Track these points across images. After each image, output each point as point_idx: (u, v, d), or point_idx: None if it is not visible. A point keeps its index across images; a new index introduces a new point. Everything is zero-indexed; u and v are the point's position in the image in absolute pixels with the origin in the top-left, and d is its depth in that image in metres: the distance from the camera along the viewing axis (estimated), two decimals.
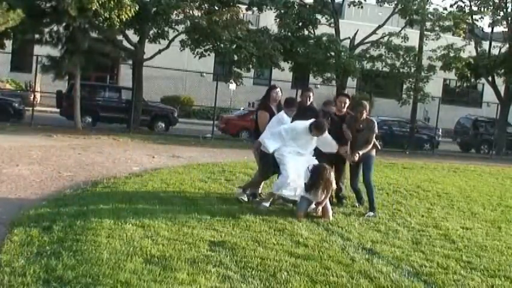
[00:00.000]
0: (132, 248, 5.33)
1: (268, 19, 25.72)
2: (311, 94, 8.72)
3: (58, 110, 21.76)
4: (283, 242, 6.05)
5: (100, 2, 16.29)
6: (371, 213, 8.00)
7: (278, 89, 8.44)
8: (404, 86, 26.85)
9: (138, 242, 5.55)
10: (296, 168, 7.54)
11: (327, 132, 7.80)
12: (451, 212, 8.99)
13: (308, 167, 7.48)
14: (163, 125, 22.38)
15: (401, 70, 25.12)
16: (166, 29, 21.06)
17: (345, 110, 8.47)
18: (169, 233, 5.99)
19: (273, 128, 7.90)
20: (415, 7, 24.24)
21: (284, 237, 6.27)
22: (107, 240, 5.52)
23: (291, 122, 7.99)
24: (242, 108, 26.06)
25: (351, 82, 27.30)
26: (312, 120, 7.79)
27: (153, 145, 16.06)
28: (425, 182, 12.28)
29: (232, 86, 25.64)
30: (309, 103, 8.61)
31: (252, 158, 8.40)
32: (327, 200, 7.62)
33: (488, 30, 27.29)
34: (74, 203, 7.08)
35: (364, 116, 8.21)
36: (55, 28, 18.11)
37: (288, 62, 24.78)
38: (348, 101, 8.56)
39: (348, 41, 25.40)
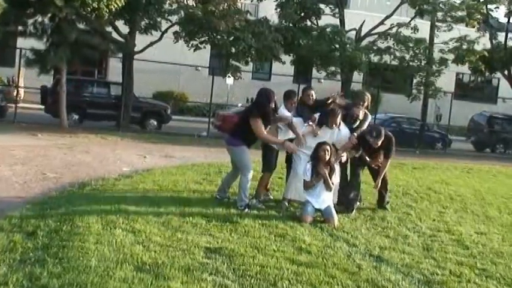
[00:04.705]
0: (122, 254, 5.33)
1: (268, 9, 25.69)
2: (313, 92, 8.67)
3: (43, 107, 21.74)
4: (285, 249, 6.05)
5: None
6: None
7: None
8: (414, 81, 26.85)
9: (129, 248, 5.55)
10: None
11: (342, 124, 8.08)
12: (465, 215, 9.01)
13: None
14: (156, 123, 22.36)
15: (411, 63, 25.11)
16: (158, 19, 21.02)
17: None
18: (161, 238, 5.99)
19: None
20: None
21: (285, 244, 6.27)
22: (95, 246, 5.51)
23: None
24: (240, 104, 26.03)
25: (357, 76, 27.27)
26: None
27: (144, 144, 16.06)
28: (436, 184, 12.30)
29: (230, 80, 25.61)
30: (311, 102, 8.57)
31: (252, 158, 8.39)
32: (331, 204, 7.63)
33: (504, 20, 27.28)
34: (59, 207, 7.08)
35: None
36: (39, 19, 18.06)
37: (289, 55, 24.75)
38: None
39: (354, 32, 25.41)
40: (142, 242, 5.79)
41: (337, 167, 7.74)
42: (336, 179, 7.70)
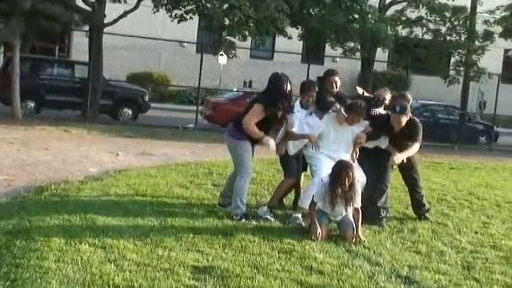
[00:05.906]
0: (90, 275, 5.34)
1: None
2: (337, 78, 8.68)
3: None
4: (291, 268, 6.06)
5: None
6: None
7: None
8: (452, 60, 26.88)
9: (98, 267, 5.56)
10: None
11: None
12: None
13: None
14: (130, 112, 22.39)
15: (448, 38, 25.11)
16: None
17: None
18: (138, 256, 6.00)
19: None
20: None
21: (292, 262, 6.28)
22: (57, 265, 5.52)
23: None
24: (235, 89, 26.05)
25: (381, 54, 27.29)
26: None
27: (116, 139, 16.08)
28: (480, 188, 12.32)
29: (223, 59, 25.62)
30: (334, 92, 8.56)
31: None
32: (350, 214, 7.62)
33: None
34: (11, 216, 7.08)
35: None
36: None
37: (297, 28, 24.74)
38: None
39: None
40: (115, 260, 5.79)
41: (358, 187, 7.68)
42: (357, 204, 7.60)
